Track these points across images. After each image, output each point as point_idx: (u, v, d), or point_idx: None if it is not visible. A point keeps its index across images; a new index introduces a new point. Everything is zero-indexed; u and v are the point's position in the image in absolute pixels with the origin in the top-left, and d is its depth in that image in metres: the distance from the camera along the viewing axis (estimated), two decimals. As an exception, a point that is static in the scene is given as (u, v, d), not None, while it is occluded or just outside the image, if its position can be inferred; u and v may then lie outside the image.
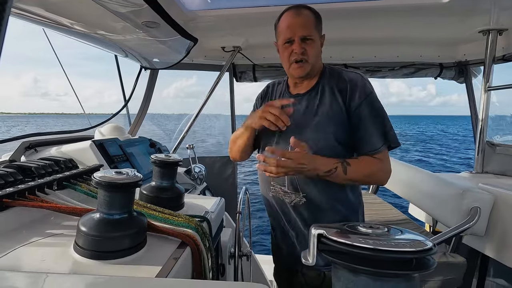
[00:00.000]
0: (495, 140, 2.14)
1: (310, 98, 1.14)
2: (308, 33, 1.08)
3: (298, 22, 1.08)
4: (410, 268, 0.51)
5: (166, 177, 1.02)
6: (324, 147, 1.07)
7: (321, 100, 1.11)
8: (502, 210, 1.55)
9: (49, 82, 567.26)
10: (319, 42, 1.12)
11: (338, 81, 1.11)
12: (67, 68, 2.10)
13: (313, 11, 1.12)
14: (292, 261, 1.22)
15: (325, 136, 1.07)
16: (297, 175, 1.07)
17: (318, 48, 1.12)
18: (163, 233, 0.77)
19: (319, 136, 1.08)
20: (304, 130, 1.10)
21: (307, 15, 1.10)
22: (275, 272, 1.38)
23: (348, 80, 1.09)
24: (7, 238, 0.73)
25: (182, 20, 1.70)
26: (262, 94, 1.33)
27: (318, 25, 1.11)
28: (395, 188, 2.36)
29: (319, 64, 1.16)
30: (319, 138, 1.07)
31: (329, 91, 1.11)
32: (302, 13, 1.09)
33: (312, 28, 1.09)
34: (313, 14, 1.11)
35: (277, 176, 1.06)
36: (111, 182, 0.65)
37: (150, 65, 2.51)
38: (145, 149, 1.91)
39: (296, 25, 1.08)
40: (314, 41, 1.09)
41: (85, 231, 0.65)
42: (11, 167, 1.00)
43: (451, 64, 2.48)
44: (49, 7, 1.32)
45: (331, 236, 0.56)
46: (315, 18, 1.10)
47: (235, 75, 2.69)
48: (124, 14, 1.46)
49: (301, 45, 1.08)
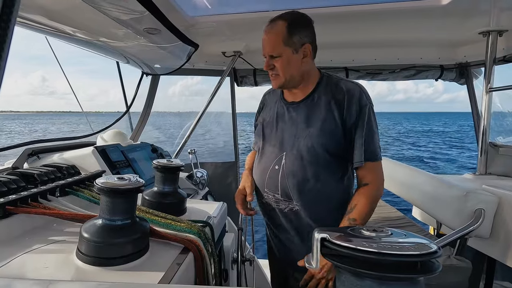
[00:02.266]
0: (498, 141, 2.13)
1: (305, 107, 1.15)
2: (272, 51, 1.10)
3: (266, 41, 1.11)
4: (415, 271, 0.51)
5: (168, 183, 1.02)
6: (314, 157, 1.09)
7: (316, 110, 1.12)
8: (506, 211, 1.54)
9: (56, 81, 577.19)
10: (294, 55, 1.09)
11: (335, 92, 1.12)
12: (74, 67, 2.13)
13: (289, 23, 1.08)
14: (284, 266, 1.25)
15: (316, 146, 1.09)
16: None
17: (289, 61, 1.10)
18: (165, 239, 0.77)
19: (310, 146, 1.09)
20: (297, 140, 1.12)
21: (276, 32, 1.08)
22: (271, 277, 1.40)
23: (345, 91, 1.10)
24: (10, 245, 0.73)
25: (183, 26, 1.72)
26: (259, 109, 1.36)
27: (290, 38, 1.08)
28: (398, 190, 2.34)
29: (303, 73, 1.13)
30: (311, 148, 1.09)
31: (325, 101, 1.12)
32: (271, 30, 1.10)
33: (279, 46, 1.08)
34: (286, 27, 1.07)
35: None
36: (113, 188, 0.65)
37: (152, 71, 2.52)
38: (147, 155, 1.91)
39: (264, 43, 1.12)
40: (282, 57, 1.09)
41: (88, 237, 0.65)
42: (14, 174, 1.00)
43: (451, 65, 2.48)
44: (51, 15, 1.33)
45: (335, 240, 0.56)
46: (286, 32, 1.07)
47: (236, 79, 2.70)
48: (125, 21, 1.47)
49: (269, 62, 1.12)
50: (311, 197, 1.12)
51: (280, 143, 1.15)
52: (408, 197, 2.20)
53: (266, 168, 1.18)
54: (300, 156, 1.10)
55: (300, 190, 1.11)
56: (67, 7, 1.26)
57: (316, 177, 1.10)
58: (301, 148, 1.10)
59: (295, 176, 1.11)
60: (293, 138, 1.13)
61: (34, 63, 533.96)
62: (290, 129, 1.14)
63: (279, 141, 1.16)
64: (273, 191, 1.17)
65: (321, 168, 1.10)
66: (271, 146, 1.19)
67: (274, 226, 1.24)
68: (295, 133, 1.13)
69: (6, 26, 0.25)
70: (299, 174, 1.11)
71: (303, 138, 1.11)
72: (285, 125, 1.17)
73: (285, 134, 1.15)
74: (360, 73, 2.55)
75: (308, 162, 1.09)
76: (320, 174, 1.10)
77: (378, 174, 1.11)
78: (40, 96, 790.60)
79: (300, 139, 1.11)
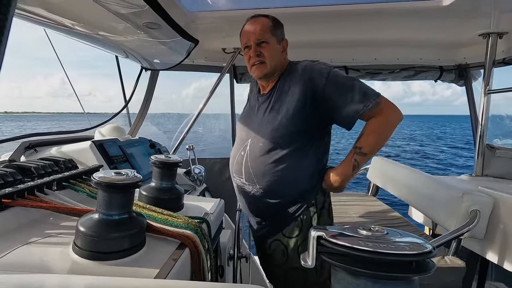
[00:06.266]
0: (495, 143, 2.14)
1: (270, 97, 1.22)
2: (261, 37, 1.17)
3: (253, 29, 1.19)
4: (409, 270, 0.51)
5: (165, 178, 1.02)
6: (279, 140, 1.15)
7: (280, 97, 1.19)
8: (501, 213, 1.55)
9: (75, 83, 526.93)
10: (277, 46, 1.20)
11: (295, 73, 1.18)
12: (86, 70, 2.13)
13: (271, 18, 1.20)
14: (259, 245, 1.34)
15: (285, 132, 1.14)
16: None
17: (275, 50, 1.19)
18: (162, 234, 0.77)
19: (271, 131, 1.16)
20: (261, 126, 1.20)
21: (262, 22, 1.19)
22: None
23: (302, 69, 1.16)
24: (6, 238, 0.73)
25: (183, 22, 1.71)
26: (250, 87, 1.46)
27: (275, 30, 1.19)
28: (395, 190, 2.35)
29: (281, 65, 1.22)
30: (272, 132, 1.15)
31: (287, 87, 1.18)
32: (257, 21, 1.20)
33: (267, 33, 1.18)
34: (270, 21, 1.20)
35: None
36: (110, 182, 0.65)
37: (151, 66, 2.51)
38: (145, 150, 1.91)
39: (251, 31, 1.19)
40: (270, 44, 1.18)
41: (84, 231, 0.65)
42: (11, 167, 1.00)
43: (451, 67, 2.48)
44: (51, 7, 1.32)
45: (331, 238, 0.56)
46: (271, 25, 1.19)
47: (236, 76, 2.69)
48: (125, 15, 1.46)
49: (256, 49, 1.18)
50: (272, 181, 1.16)
51: (248, 131, 1.24)
52: (405, 197, 2.21)
53: (234, 155, 1.28)
54: (262, 141, 1.17)
55: (261, 174, 1.17)
56: (67, -1, 1.25)
57: (277, 162, 1.15)
58: (263, 134, 1.17)
59: (256, 161, 1.18)
60: (258, 125, 1.21)
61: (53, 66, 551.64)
62: (257, 117, 1.24)
63: (246, 130, 1.25)
64: (239, 175, 1.24)
65: (282, 152, 1.15)
66: (241, 134, 1.29)
67: (244, 208, 1.32)
68: (260, 120, 1.21)
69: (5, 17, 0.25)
70: (260, 159, 1.17)
71: (265, 124, 1.18)
72: (253, 115, 1.26)
73: (253, 123, 1.24)
74: (360, 73, 2.55)
75: (270, 147, 1.15)
76: (282, 157, 1.15)
77: (384, 107, 1.09)
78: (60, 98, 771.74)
79: (263, 125, 1.19)
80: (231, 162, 1.31)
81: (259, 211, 1.25)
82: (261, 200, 1.20)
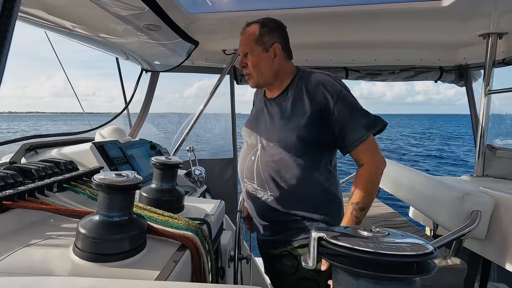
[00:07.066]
0: (496, 144, 2.14)
1: (279, 102, 1.21)
2: (244, 49, 1.19)
3: (240, 40, 1.21)
4: (410, 272, 0.51)
5: (166, 180, 1.02)
6: (291, 148, 1.14)
7: (289, 104, 1.17)
8: (502, 213, 1.55)
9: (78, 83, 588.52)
10: (264, 54, 1.18)
11: (308, 84, 1.16)
12: (90, 70, 2.13)
13: (262, 24, 1.19)
14: (265, 250, 1.30)
15: (288, 139, 1.14)
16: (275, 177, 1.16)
17: (260, 59, 1.18)
18: (163, 236, 0.77)
19: (287, 139, 1.14)
20: (270, 133, 1.18)
21: (248, 32, 1.19)
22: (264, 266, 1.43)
23: (316, 82, 1.14)
24: (6, 240, 0.73)
25: (183, 23, 1.71)
26: (256, 91, 1.45)
27: (261, 38, 1.17)
28: (396, 191, 2.35)
29: (277, 72, 1.20)
30: (287, 141, 1.14)
31: (298, 95, 1.16)
32: (245, 31, 1.21)
33: (251, 43, 1.18)
34: (258, 28, 1.18)
35: None
36: (111, 184, 0.65)
37: (151, 68, 2.51)
38: (145, 151, 1.91)
39: (240, 43, 1.21)
40: (253, 54, 1.18)
41: (85, 233, 0.65)
42: (11, 169, 1.00)
43: (451, 67, 2.48)
44: (51, 10, 1.32)
45: (331, 239, 0.56)
46: (258, 33, 1.17)
47: (236, 77, 2.69)
48: (125, 17, 1.47)
49: (242, 60, 1.21)
50: (284, 187, 1.15)
51: (257, 136, 1.23)
52: (406, 198, 2.21)
53: (244, 159, 1.26)
54: (273, 148, 1.16)
55: (273, 180, 1.16)
56: (67, 1, 1.25)
57: (288, 169, 1.14)
58: (273, 141, 1.16)
59: (268, 167, 1.16)
60: (268, 131, 1.20)
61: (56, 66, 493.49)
62: (266, 123, 1.22)
63: (256, 135, 1.24)
64: (251, 181, 1.23)
65: (293, 160, 1.14)
66: (250, 139, 1.27)
67: (253, 212, 1.30)
68: (270, 126, 1.20)
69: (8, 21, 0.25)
70: (272, 165, 1.16)
71: (275, 131, 1.17)
72: (262, 120, 1.25)
73: (262, 128, 1.23)
74: (360, 74, 2.55)
75: (280, 154, 1.14)
76: (293, 166, 1.14)
77: (370, 152, 1.11)
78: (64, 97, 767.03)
79: (273, 132, 1.18)
80: (240, 167, 1.28)
81: (270, 219, 1.23)
82: (272, 208, 1.18)
